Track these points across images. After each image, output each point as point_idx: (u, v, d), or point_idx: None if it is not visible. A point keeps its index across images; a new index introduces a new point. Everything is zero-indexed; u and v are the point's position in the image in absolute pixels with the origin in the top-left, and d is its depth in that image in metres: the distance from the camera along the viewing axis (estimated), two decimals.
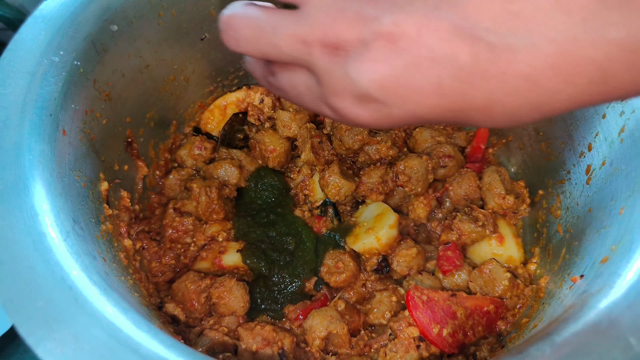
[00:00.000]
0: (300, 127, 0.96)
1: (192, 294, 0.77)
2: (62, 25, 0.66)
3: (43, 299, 0.47)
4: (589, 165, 0.72)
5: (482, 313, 0.75)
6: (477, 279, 0.80)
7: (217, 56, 0.97)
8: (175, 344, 0.48)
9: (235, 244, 0.84)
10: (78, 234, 0.56)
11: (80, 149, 0.66)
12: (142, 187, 0.86)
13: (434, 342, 0.70)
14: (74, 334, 0.45)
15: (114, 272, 0.61)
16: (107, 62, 0.73)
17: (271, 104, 0.99)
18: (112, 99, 0.75)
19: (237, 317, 0.77)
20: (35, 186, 0.54)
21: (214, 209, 0.86)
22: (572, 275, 0.64)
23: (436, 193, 0.92)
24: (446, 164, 0.91)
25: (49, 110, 0.60)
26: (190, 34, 0.89)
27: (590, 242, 0.64)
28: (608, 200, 0.63)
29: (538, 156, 0.89)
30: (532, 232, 0.87)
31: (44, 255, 0.50)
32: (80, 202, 0.62)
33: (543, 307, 0.69)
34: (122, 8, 0.74)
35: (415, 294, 0.74)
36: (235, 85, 1.05)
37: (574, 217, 0.74)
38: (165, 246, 0.84)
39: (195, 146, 0.94)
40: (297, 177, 0.95)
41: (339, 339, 0.75)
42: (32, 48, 0.63)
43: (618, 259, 0.54)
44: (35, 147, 0.56)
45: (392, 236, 0.83)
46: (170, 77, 0.90)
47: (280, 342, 0.71)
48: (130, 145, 0.83)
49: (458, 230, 0.83)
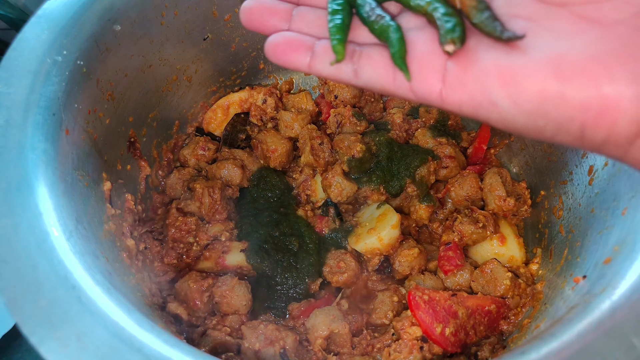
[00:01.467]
0: (302, 127, 0.96)
1: (195, 293, 0.77)
2: (66, 25, 0.66)
3: (46, 298, 0.47)
4: (592, 165, 0.72)
5: (483, 313, 0.75)
6: (478, 278, 0.80)
7: (219, 56, 0.97)
8: (178, 344, 0.48)
9: (238, 244, 0.84)
10: (81, 234, 0.56)
11: (83, 148, 0.66)
12: (145, 187, 0.86)
13: (437, 342, 0.70)
14: (77, 333, 0.45)
15: (117, 271, 0.61)
16: (110, 61, 0.73)
17: (274, 105, 0.99)
18: (115, 99, 0.75)
19: (240, 316, 0.77)
20: (38, 185, 0.54)
21: (217, 209, 0.86)
22: (575, 275, 0.64)
23: (438, 194, 0.92)
24: (447, 164, 0.91)
25: (52, 110, 0.60)
26: (193, 34, 0.90)
27: (593, 242, 0.64)
28: (611, 200, 0.63)
29: (540, 157, 0.89)
30: (534, 232, 0.87)
31: (47, 255, 0.50)
32: (83, 202, 0.62)
33: (545, 308, 0.69)
34: (125, 8, 0.74)
35: (417, 294, 0.74)
36: (237, 85, 1.05)
37: (576, 218, 0.74)
38: (168, 246, 0.84)
39: (199, 147, 0.94)
40: (299, 177, 0.95)
41: (341, 338, 0.75)
42: (36, 47, 0.63)
43: (621, 259, 0.54)
44: (39, 146, 0.56)
45: (394, 236, 0.83)
46: (173, 77, 0.91)
47: (282, 340, 0.71)
48: (133, 145, 0.83)
49: (459, 232, 0.83)
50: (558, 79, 0.35)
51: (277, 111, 0.99)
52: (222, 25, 0.93)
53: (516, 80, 0.37)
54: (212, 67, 0.98)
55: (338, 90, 0.99)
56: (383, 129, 0.94)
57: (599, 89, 0.34)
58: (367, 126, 0.95)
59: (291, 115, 0.97)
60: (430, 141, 0.94)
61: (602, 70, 0.34)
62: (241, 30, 0.96)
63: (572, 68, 0.35)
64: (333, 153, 0.92)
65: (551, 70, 0.36)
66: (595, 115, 0.35)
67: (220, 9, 0.90)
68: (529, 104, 0.36)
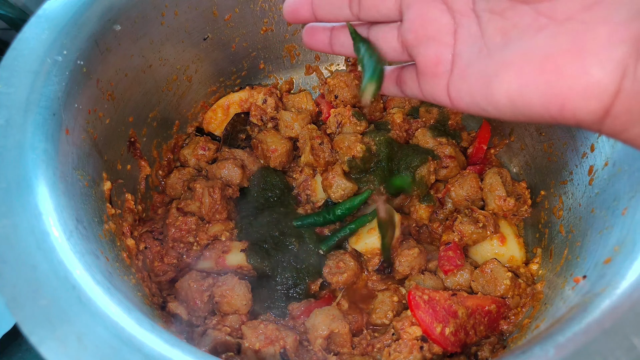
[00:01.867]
0: (302, 127, 0.96)
1: (195, 292, 0.77)
2: (66, 24, 0.66)
3: (46, 297, 0.47)
4: (592, 165, 0.72)
5: (483, 312, 0.75)
6: (479, 278, 0.80)
7: (219, 56, 0.97)
8: (178, 343, 0.48)
9: (238, 244, 0.84)
10: (81, 233, 0.56)
11: (83, 148, 0.66)
12: (145, 187, 0.86)
13: (437, 341, 0.70)
14: (77, 333, 0.45)
15: (117, 271, 0.61)
16: (110, 61, 0.73)
17: (274, 104, 0.99)
18: (115, 99, 0.75)
19: (240, 316, 0.77)
20: (38, 185, 0.54)
21: (217, 209, 0.86)
22: (575, 275, 0.64)
23: (438, 194, 0.92)
24: (447, 164, 0.91)
25: (53, 110, 0.60)
26: (193, 34, 0.90)
27: (593, 242, 0.64)
28: (611, 200, 0.63)
29: (540, 157, 0.89)
30: (534, 232, 0.87)
31: (48, 254, 0.50)
32: (83, 202, 0.62)
33: (545, 308, 0.69)
34: (126, 8, 0.74)
35: (417, 293, 0.74)
36: (237, 85, 1.05)
37: (576, 218, 0.74)
38: (168, 245, 0.84)
39: (199, 146, 0.94)
40: (300, 177, 0.95)
41: (341, 338, 0.75)
42: (36, 47, 0.63)
43: (621, 259, 0.54)
44: (39, 146, 0.56)
45: (395, 236, 0.83)
46: (173, 77, 0.91)
47: (282, 340, 0.71)
48: (133, 145, 0.83)
49: (459, 232, 0.83)
50: (521, 80, 0.41)
51: (277, 111, 0.99)
52: (222, 25, 0.93)
53: (489, 84, 0.43)
54: (212, 67, 0.98)
55: (338, 90, 0.99)
56: (383, 128, 0.94)
57: (553, 87, 0.39)
58: (367, 126, 0.95)
59: (291, 115, 0.97)
60: (430, 141, 0.94)
61: (555, 68, 0.39)
62: (241, 30, 0.96)
63: (534, 67, 0.40)
64: (333, 153, 0.92)
65: (516, 72, 0.41)
66: (558, 110, 0.40)
67: (221, 9, 0.90)
68: (502, 104, 0.43)
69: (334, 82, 1.00)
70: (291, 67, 1.08)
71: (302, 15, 0.54)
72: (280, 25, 1.00)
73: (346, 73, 1.01)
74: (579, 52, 0.38)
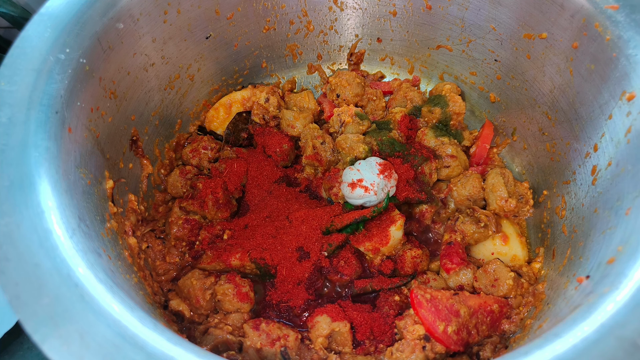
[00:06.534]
0: (304, 126, 0.96)
1: (197, 290, 0.77)
2: (68, 23, 0.66)
3: (49, 296, 0.47)
4: (595, 165, 0.72)
5: (486, 312, 0.75)
6: (482, 278, 0.80)
7: (222, 55, 0.97)
8: (180, 342, 0.48)
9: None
10: (83, 232, 0.56)
11: (85, 146, 0.66)
12: (147, 186, 0.86)
13: (440, 340, 0.70)
14: (80, 331, 0.45)
15: (119, 269, 0.61)
16: (112, 60, 0.73)
17: (276, 103, 0.99)
18: (117, 97, 0.75)
19: (241, 314, 0.77)
20: (41, 183, 0.54)
21: (219, 208, 0.86)
22: (578, 275, 0.64)
23: (440, 194, 0.92)
24: (449, 164, 0.91)
25: (55, 108, 0.60)
26: (196, 33, 0.89)
27: (596, 242, 0.64)
28: (614, 200, 0.63)
29: (543, 157, 0.88)
30: (537, 232, 0.87)
31: (50, 252, 0.50)
32: (85, 200, 0.62)
33: (548, 308, 0.69)
34: (128, 6, 0.74)
35: (419, 292, 0.74)
36: (239, 84, 1.05)
37: (579, 218, 0.73)
38: (170, 244, 0.84)
39: (201, 145, 0.94)
40: (301, 175, 0.95)
41: (342, 337, 0.74)
42: (38, 46, 0.63)
43: (625, 259, 0.53)
44: (41, 144, 0.56)
45: (398, 237, 0.83)
46: (176, 76, 0.90)
47: (284, 339, 0.71)
48: (135, 144, 0.83)
49: (461, 232, 0.83)
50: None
51: (280, 110, 0.99)
52: (225, 24, 0.93)
53: None
54: (215, 65, 0.98)
55: (340, 89, 0.99)
56: (385, 128, 0.94)
57: None
58: (369, 125, 0.95)
59: (293, 114, 0.97)
60: (432, 140, 0.93)
61: None
62: (243, 29, 0.96)
63: None
64: (335, 152, 0.92)
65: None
66: None
67: (223, 7, 0.90)
68: None
69: (336, 81, 1.00)
70: (293, 66, 1.08)
71: None
72: (282, 24, 1.00)
73: (348, 72, 1.01)
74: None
